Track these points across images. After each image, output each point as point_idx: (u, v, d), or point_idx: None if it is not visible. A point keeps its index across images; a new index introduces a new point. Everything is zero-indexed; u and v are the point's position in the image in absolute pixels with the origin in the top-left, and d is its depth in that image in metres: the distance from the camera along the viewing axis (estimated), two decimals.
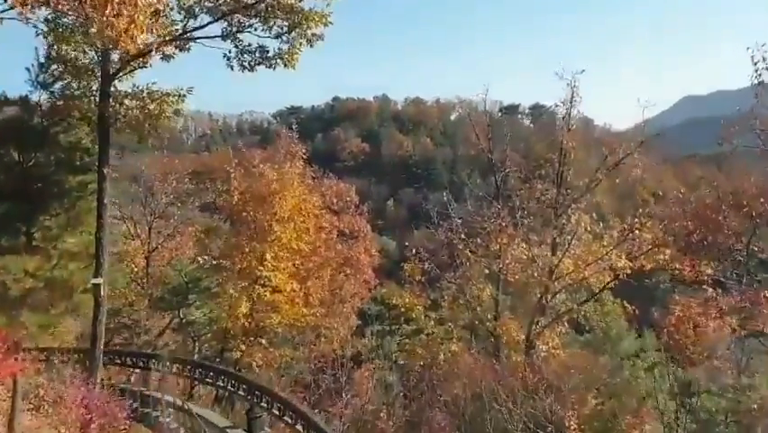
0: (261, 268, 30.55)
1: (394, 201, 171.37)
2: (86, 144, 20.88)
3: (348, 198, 43.89)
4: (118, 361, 30.96)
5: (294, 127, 38.62)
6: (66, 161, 20.76)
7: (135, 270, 49.67)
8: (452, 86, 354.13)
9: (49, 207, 20.51)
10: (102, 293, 19.80)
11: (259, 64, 21.00)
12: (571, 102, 31.50)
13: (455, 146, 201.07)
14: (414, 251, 32.26)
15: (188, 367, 26.10)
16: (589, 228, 30.19)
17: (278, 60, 20.68)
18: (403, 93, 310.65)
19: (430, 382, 30.34)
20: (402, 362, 40.66)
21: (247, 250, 30.37)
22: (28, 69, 21.16)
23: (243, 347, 30.70)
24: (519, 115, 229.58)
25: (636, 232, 29.60)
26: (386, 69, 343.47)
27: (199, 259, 34.31)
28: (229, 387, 22.81)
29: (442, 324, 35.45)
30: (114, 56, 19.87)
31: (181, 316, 36.01)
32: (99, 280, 19.74)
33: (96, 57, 20.08)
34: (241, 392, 21.86)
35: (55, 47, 20.02)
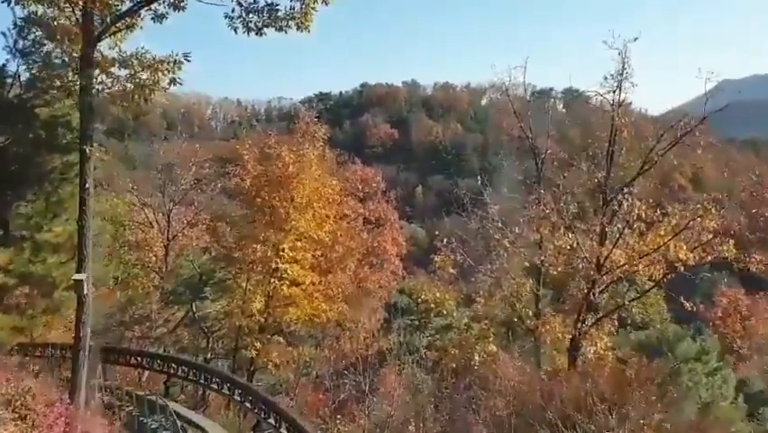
0: (278, 259, 27.67)
1: (423, 188, 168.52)
2: (69, 120, 18.06)
3: (374, 184, 40.94)
4: (122, 360, 28.72)
5: (322, 113, 36.03)
6: (46, 138, 18.04)
7: (154, 259, 47.82)
8: (482, 70, 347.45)
9: (26, 192, 17.82)
10: (86, 290, 17.10)
11: (267, 26, 17.89)
12: (622, 73, 27.87)
13: (486, 132, 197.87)
14: (445, 241, 29.01)
15: (193, 371, 23.56)
16: (644, 215, 26.68)
17: (290, 22, 17.60)
18: (432, 78, 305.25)
19: (465, 388, 27.44)
20: (432, 360, 37.85)
21: (262, 239, 27.51)
22: (3, 35, 18.43)
23: (258, 345, 27.89)
24: (552, 100, 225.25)
25: (698, 220, 26.03)
26: (415, 54, 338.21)
27: (212, 250, 31.57)
28: (235, 396, 20.21)
29: (476, 320, 32.29)
30: (98, 17, 17.13)
31: (194, 310, 33.50)
32: (82, 276, 17.03)
33: (76, 17, 17.30)
34: (247, 404, 19.19)
35: (31, 5, 17.28)
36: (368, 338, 35.72)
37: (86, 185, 17.13)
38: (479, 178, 34.38)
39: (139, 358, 27.42)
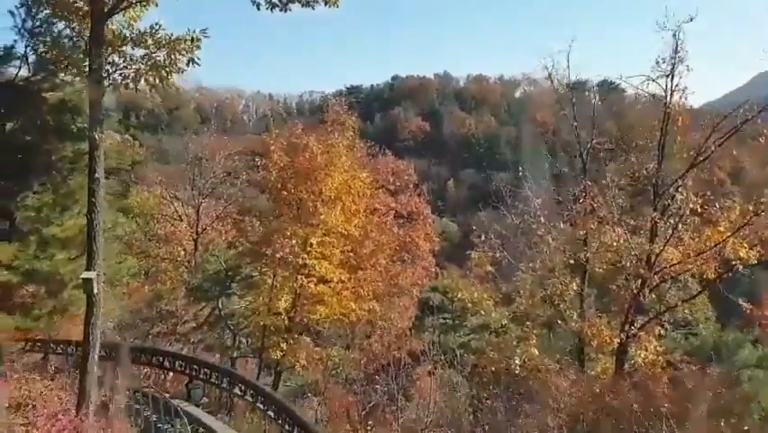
0: (305, 255, 26.14)
1: (455, 182, 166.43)
2: (79, 105, 16.70)
3: (406, 177, 39.21)
4: (143, 360, 27.51)
5: (353, 106, 34.41)
6: (55, 125, 16.71)
7: (183, 253, 47.03)
8: (516, 62, 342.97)
9: (33, 183, 16.51)
10: (96, 289, 15.73)
11: (292, 2, 16.49)
12: (675, 56, 25.71)
13: (520, 124, 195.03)
14: (482, 237, 27.18)
15: (216, 374, 22.17)
16: (699, 209, 24.57)
17: None
18: (465, 70, 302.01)
19: (507, 396, 25.71)
20: (467, 361, 36.13)
21: (289, 234, 25.98)
22: (11, 14, 17.09)
23: (285, 345, 26.42)
24: (587, 92, 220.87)
25: (762, 215, 23.84)
26: (447, 46, 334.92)
27: (238, 244, 30.19)
28: (258, 404, 18.76)
29: (515, 321, 30.40)
30: None
31: (220, 307, 32.21)
32: (91, 274, 15.66)
33: None
34: (270, 414, 17.73)
35: None
36: (400, 338, 34.19)
37: (96, 174, 15.73)
38: (520, 169, 32.48)
39: (160, 358, 26.19)
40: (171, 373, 27.69)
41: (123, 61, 16.55)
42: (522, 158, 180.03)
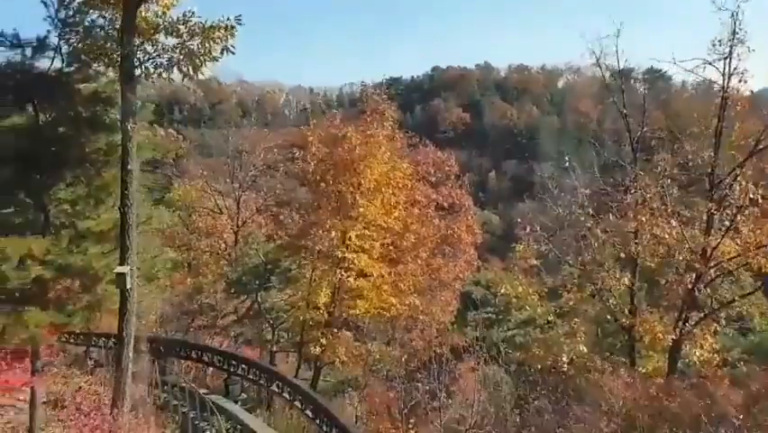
0: (344, 249, 25.54)
1: (497, 173, 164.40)
2: (112, 96, 16.29)
3: (447, 168, 38.27)
4: (182, 354, 27.36)
5: (393, 98, 33.51)
6: (88, 117, 16.26)
7: (224, 246, 47.12)
8: (558, 52, 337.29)
9: (66, 175, 16.14)
10: (129, 284, 15.34)
11: None
12: (734, 37, 24.27)
13: (563, 114, 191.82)
14: (527, 229, 26.19)
15: (254, 370, 21.75)
16: (760, 200, 23.21)
17: None
18: (506, 60, 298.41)
19: (553, 393, 24.81)
20: (511, 357, 35.23)
21: (328, 227, 25.42)
22: (45, 4, 16.70)
23: (324, 341, 25.88)
24: (633, 81, 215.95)
25: None
26: (488, 36, 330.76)
27: (276, 238, 29.75)
28: (296, 403, 18.24)
29: (561, 316, 29.29)
30: None
31: (259, 300, 31.88)
32: (125, 269, 15.26)
33: None
34: (308, 413, 17.17)
35: None
36: (441, 333, 33.42)
37: (129, 167, 15.31)
38: (564, 160, 31.31)
39: (199, 352, 25.98)
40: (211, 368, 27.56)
41: (156, 50, 16.12)
42: (565, 148, 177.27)
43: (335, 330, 27.03)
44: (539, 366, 26.52)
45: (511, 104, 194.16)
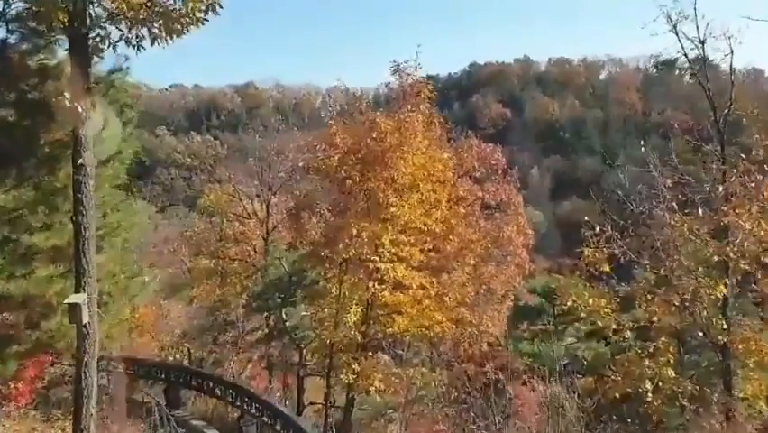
0: (377, 257, 21.38)
1: (539, 169, 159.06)
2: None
3: (493, 162, 33.89)
4: (194, 384, 23.71)
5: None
6: (36, 99, 12.60)
7: (253, 253, 44.07)
8: (599, 43, 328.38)
9: (7, 175, 12.46)
10: (86, 318, 11.54)
11: None
12: None
13: (606, 107, 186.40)
14: (597, 228, 21.67)
15: (267, 412, 17.84)
16: None
17: None
18: (546, 53, 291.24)
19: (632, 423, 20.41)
20: (573, 374, 30.79)
21: (356, 232, 21.34)
22: None
23: (357, 367, 21.75)
24: (678, 71, 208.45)
25: None
26: (526, 30, 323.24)
27: (298, 246, 25.73)
28: None
29: (637, 331, 24.63)
30: None
31: (284, 317, 28.04)
32: (79, 298, 11.47)
33: None
34: None
35: None
36: (492, 348, 29.22)
37: (80, 160, 11.50)
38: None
39: (210, 384, 22.29)
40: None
41: (120, 9, 12.32)
42: (609, 143, 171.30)
43: (370, 353, 22.94)
44: (617, 395, 21.99)
45: (552, 98, 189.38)
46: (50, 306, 12.19)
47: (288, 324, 27.64)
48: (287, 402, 29.11)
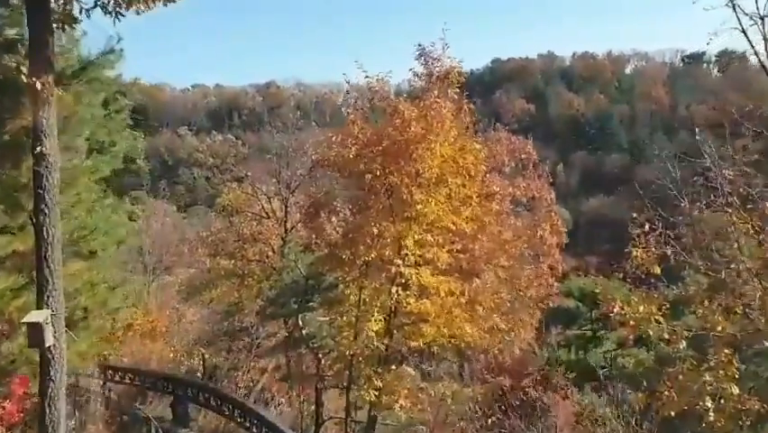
0: (400, 260, 19.15)
1: (564, 166, 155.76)
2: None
3: (524, 156, 31.55)
4: (202, 400, 21.74)
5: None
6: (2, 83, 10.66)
7: (271, 254, 42.42)
8: (624, 37, 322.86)
9: None
10: (49, 340, 9.52)
11: None
12: None
13: (632, 102, 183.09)
14: (647, 226, 19.29)
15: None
16: None
17: None
18: (570, 48, 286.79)
19: None
20: (615, 383, 28.37)
21: (377, 232, 19.14)
22: None
23: (379, 382, 19.53)
24: (705, 64, 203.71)
25: None
26: (549, 24, 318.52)
27: (314, 247, 23.52)
28: None
29: (689, 341, 22.17)
30: None
31: (300, 324, 25.97)
32: (40, 316, 9.44)
33: None
34: None
35: None
36: (524, 357, 26.95)
37: (40, 147, 9.48)
38: (700, 141, 24.28)
39: (218, 401, 20.31)
40: None
41: None
42: (636, 138, 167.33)
43: (393, 366, 20.72)
44: (671, 413, 19.61)
45: (577, 93, 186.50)
46: (12, 323, 10.18)
47: (304, 331, 25.55)
48: (303, 416, 27.10)
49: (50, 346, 9.58)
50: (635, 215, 22.23)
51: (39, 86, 9.43)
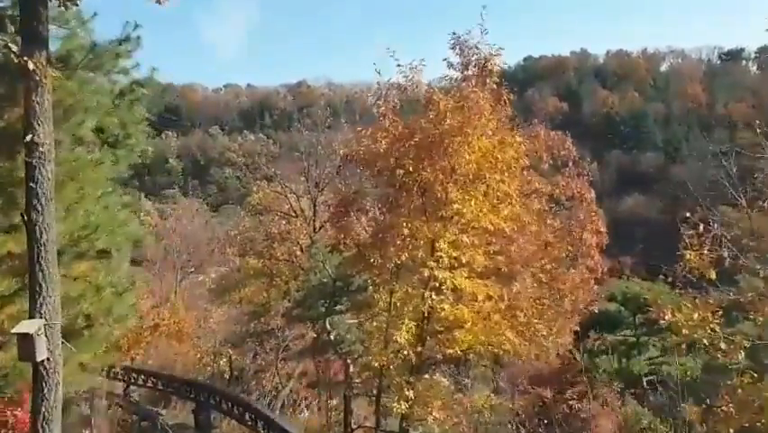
0: (434, 263, 17.84)
1: (599, 165, 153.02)
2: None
3: (563, 152, 29.89)
4: (225, 407, 20.70)
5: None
6: None
7: (299, 253, 41.80)
8: (660, 34, 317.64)
9: None
10: (42, 354, 8.45)
11: None
12: None
13: (668, 100, 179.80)
14: (701, 227, 17.69)
15: None
16: None
17: None
18: (603, 46, 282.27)
19: None
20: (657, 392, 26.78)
21: (408, 232, 17.88)
22: None
23: (411, 393, 18.25)
24: (744, 61, 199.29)
25: None
26: (583, 22, 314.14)
27: (341, 247, 22.26)
28: None
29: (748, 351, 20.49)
30: None
31: (328, 327, 24.82)
32: (32, 327, 8.36)
33: None
34: None
35: None
36: (563, 365, 25.48)
37: (32, 134, 8.43)
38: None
39: (240, 409, 19.23)
40: None
41: None
42: (671, 137, 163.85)
43: (426, 375, 19.43)
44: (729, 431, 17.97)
45: (611, 91, 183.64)
46: (5, 333, 9.17)
47: (332, 336, 24.39)
48: (331, 423, 25.99)
49: (43, 361, 8.51)
50: (688, 214, 20.57)
51: (31, 65, 8.37)
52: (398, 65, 18.54)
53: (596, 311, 30.45)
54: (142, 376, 26.85)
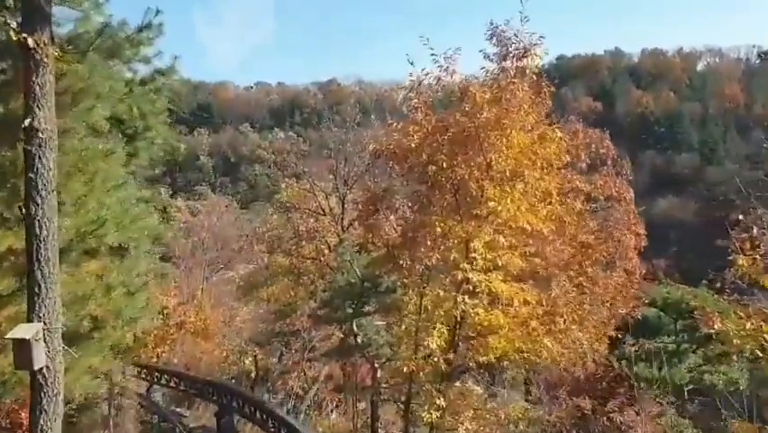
0: (468, 265, 16.83)
1: (633, 165, 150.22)
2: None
3: (602, 151, 28.74)
4: (247, 412, 19.94)
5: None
6: None
7: (327, 252, 41.26)
8: (696, 33, 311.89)
9: None
10: (41, 361, 7.68)
11: None
12: None
13: (704, 100, 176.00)
14: (755, 230, 16.42)
15: None
16: None
17: None
18: (638, 45, 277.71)
19: None
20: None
21: (439, 233, 16.89)
22: None
23: (441, 401, 17.28)
24: None
25: None
26: (617, 21, 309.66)
27: (369, 247, 21.35)
28: None
29: None
30: None
31: (355, 330, 23.95)
32: (29, 332, 7.59)
33: None
34: None
35: None
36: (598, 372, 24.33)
37: (31, 121, 7.67)
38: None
39: (263, 415, 18.45)
40: None
41: None
42: (707, 138, 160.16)
43: (457, 383, 18.44)
44: None
45: (646, 91, 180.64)
46: (1, 335, 8.45)
47: (359, 339, 23.52)
48: (358, 428, 25.13)
49: (41, 369, 7.75)
50: (741, 216, 19.10)
51: (31, 43, 7.61)
52: (432, 54, 17.49)
53: (639, 317, 29.24)
54: (165, 376, 26.32)
